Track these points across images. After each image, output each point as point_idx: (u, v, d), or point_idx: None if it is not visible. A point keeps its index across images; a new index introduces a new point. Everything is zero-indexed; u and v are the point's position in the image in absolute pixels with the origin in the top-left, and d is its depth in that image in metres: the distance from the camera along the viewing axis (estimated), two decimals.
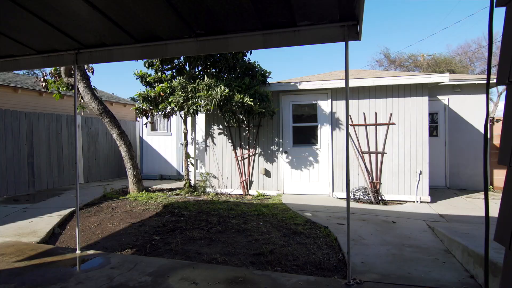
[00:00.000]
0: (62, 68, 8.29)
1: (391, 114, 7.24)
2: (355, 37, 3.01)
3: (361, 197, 7.17)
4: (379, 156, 7.33)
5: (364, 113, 7.41)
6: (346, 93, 3.09)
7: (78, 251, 4.01)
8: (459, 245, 3.75)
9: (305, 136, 8.00)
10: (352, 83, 7.28)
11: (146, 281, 3.14)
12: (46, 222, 5.43)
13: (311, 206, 6.66)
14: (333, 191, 7.65)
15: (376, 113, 7.35)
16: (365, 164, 7.38)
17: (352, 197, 7.18)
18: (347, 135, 3.18)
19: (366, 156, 7.40)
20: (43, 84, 8.69)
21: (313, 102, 7.90)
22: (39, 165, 8.81)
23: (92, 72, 8.68)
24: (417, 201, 7.01)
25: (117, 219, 5.81)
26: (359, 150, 7.42)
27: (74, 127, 9.84)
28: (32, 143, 8.62)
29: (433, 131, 8.83)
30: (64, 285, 3.08)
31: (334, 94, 7.68)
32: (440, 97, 8.80)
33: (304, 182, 7.92)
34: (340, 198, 7.49)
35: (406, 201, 7.11)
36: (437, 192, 7.96)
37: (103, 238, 4.80)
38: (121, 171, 11.54)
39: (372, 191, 7.14)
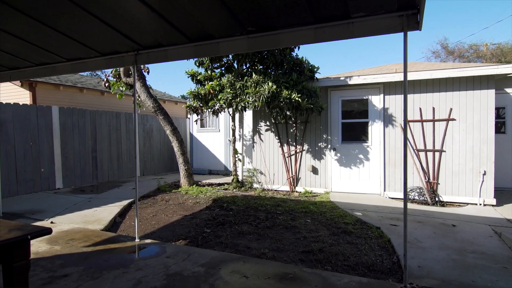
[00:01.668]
0: (121, 69, 8.90)
1: (451, 109, 6.71)
2: (415, 27, 2.83)
3: (416, 197, 6.76)
4: (437, 154, 6.84)
5: (420, 108, 6.96)
6: (405, 87, 2.92)
7: (137, 240, 4.30)
8: None
9: (354, 133, 7.73)
10: (408, 77, 6.86)
11: (199, 272, 3.27)
12: (108, 212, 5.90)
13: (361, 205, 6.44)
14: (384, 191, 7.32)
15: (433, 108, 6.86)
16: (420, 163, 6.94)
17: None
18: (405, 131, 3.01)
19: (422, 154, 6.96)
20: (106, 84, 9.41)
21: (364, 98, 7.59)
22: (101, 159, 9.57)
23: (148, 72, 9.21)
24: (480, 204, 6.45)
25: (171, 211, 6.12)
26: (414, 148, 6.99)
27: (131, 124, 10.54)
28: (95, 139, 9.39)
29: (500, 127, 8.03)
30: (125, 271, 3.32)
31: (386, 88, 7.31)
32: (508, 90, 7.96)
33: (354, 180, 7.67)
34: (392, 198, 7.14)
35: (467, 203, 6.56)
36: (503, 195, 7.24)
37: (158, 229, 5.09)
38: (173, 165, 12.14)
39: (428, 191, 6.70)
